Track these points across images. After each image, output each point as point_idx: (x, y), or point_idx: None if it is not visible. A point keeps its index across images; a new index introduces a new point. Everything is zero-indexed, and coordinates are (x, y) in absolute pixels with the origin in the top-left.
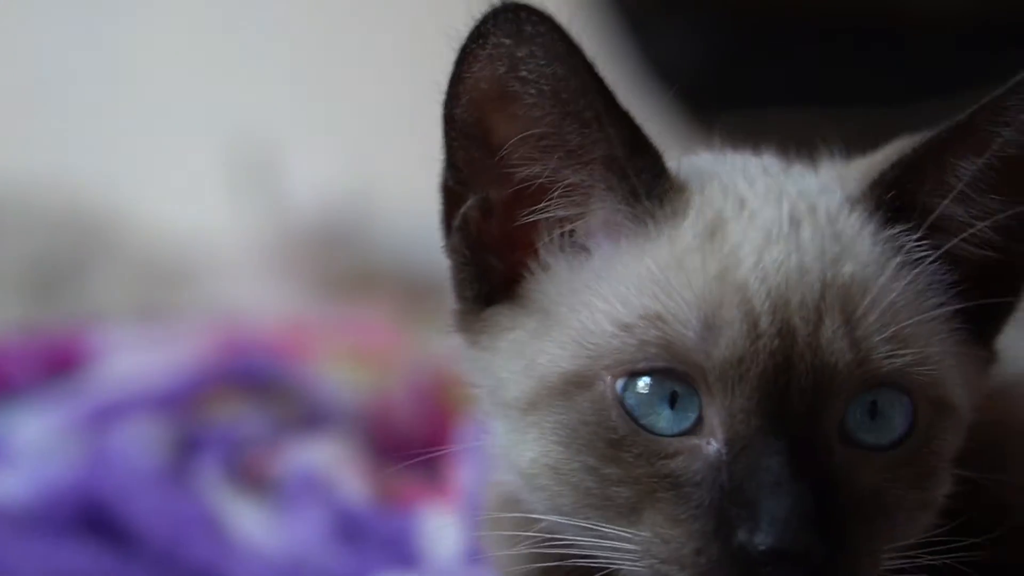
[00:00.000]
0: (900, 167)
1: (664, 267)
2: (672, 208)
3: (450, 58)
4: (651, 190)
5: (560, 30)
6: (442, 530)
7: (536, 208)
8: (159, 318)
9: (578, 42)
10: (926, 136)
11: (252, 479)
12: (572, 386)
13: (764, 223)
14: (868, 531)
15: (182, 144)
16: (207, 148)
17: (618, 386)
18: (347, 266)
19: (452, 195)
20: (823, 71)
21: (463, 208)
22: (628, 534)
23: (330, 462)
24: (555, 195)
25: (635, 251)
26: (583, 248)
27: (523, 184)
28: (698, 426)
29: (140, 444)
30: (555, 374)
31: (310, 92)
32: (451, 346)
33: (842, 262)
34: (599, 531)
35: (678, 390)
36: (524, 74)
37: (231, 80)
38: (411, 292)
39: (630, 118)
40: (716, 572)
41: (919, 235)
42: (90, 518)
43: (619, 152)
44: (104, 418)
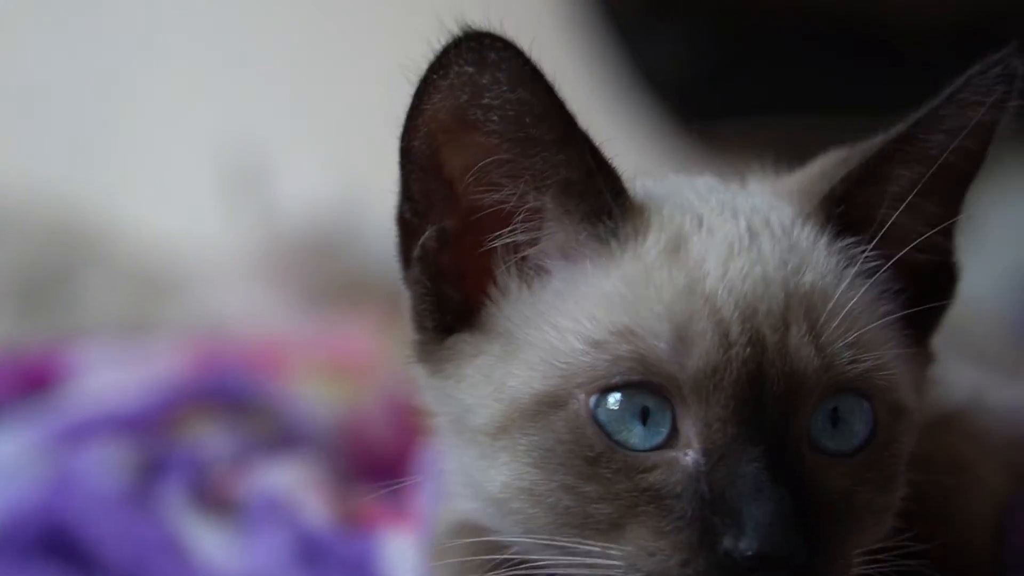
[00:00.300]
0: (848, 181)
1: (631, 283)
2: (633, 226)
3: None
4: (612, 210)
5: (523, 55)
6: (403, 554)
7: (496, 235)
8: (144, 330)
9: (540, 66)
10: (868, 148)
11: (217, 501)
12: (545, 406)
13: (724, 237)
14: (841, 535)
15: (171, 153)
16: (196, 157)
17: (591, 403)
18: (336, 275)
19: (409, 227)
20: (812, 79)
21: (421, 239)
22: (612, 550)
23: (294, 484)
24: (516, 220)
25: (599, 270)
26: (543, 270)
27: (482, 212)
28: (672, 438)
29: (104, 467)
30: (526, 395)
31: (300, 101)
32: (412, 377)
33: (803, 272)
34: (580, 549)
35: (649, 404)
36: (487, 101)
37: (221, 89)
38: (400, 301)
39: (590, 140)
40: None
41: (870, 246)
42: (52, 541)
43: (580, 174)
44: (72, 438)
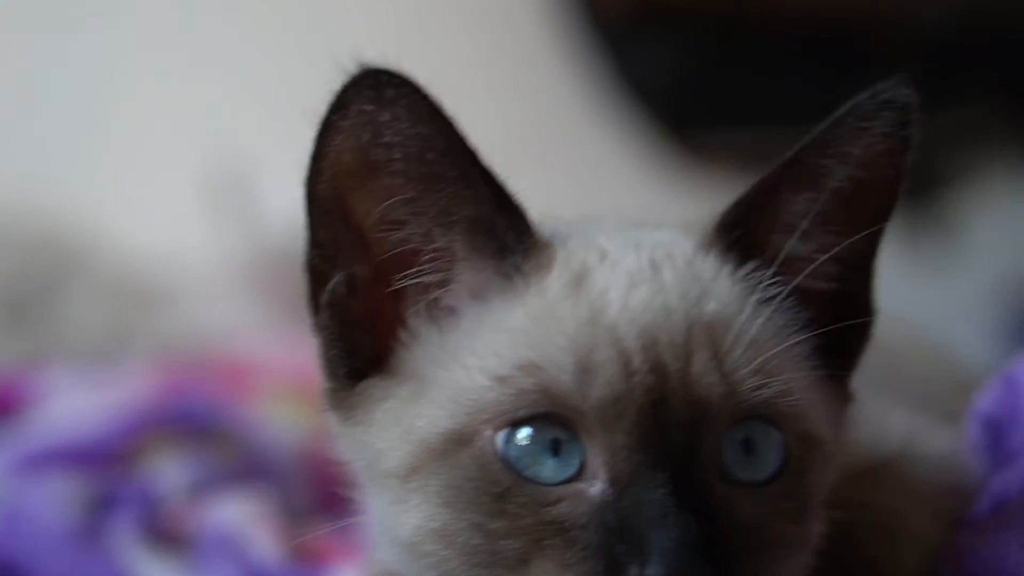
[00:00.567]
0: (741, 207)
1: (535, 317)
2: (537, 262)
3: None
4: (517, 246)
5: (421, 91)
6: None
7: (404, 277)
8: (125, 345)
9: (439, 103)
10: (763, 174)
11: (168, 536)
12: (452, 444)
13: (627, 269)
14: (752, 565)
15: (155, 165)
16: (180, 169)
17: (499, 439)
18: None
19: (318, 273)
20: (798, 88)
21: (330, 285)
22: None
23: (246, 518)
24: (423, 261)
25: (504, 306)
26: (452, 311)
27: (389, 255)
28: (582, 470)
29: (55, 502)
30: (435, 435)
31: (283, 113)
32: (325, 425)
33: (704, 301)
34: None
35: (560, 437)
36: (388, 139)
37: (204, 100)
38: None
39: (494, 176)
40: None
41: (770, 273)
42: None
43: (484, 211)
44: (27, 470)
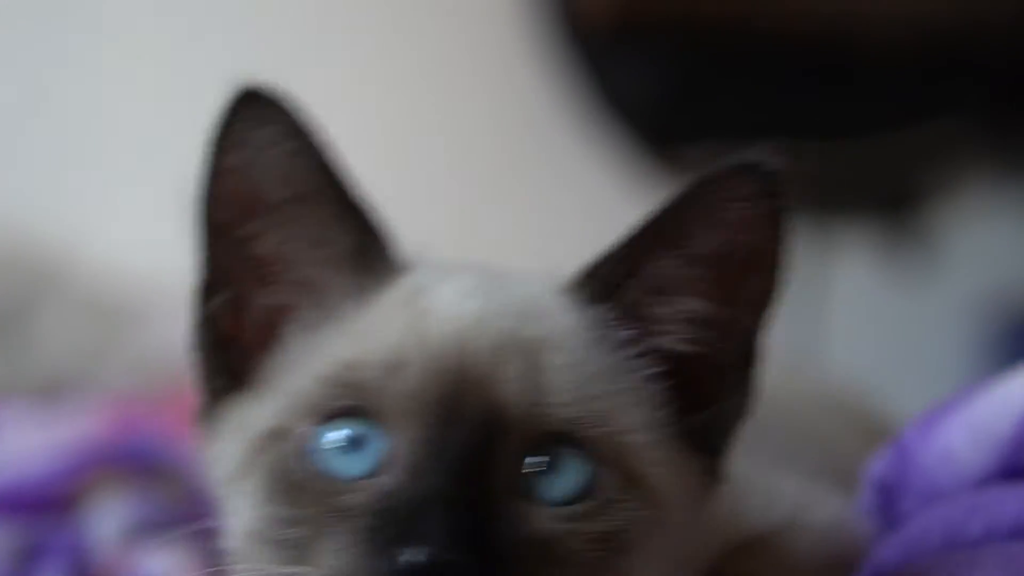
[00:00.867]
0: (605, 260)
1: (366, 326)
2: (389, 282)
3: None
4: (379, 269)
5: (298, 115)
6: None
7: (277, 296)
8: (100, 367)
9: (314, 128)
10: (631, 229)
11: None
12: (271, 440)
13: (458, 288)
14: (531, 573)
15: (133, 185)
16: (159, 189)
17: (309, 434)
18: None
19: (201, 292)
20: (779, 103)
21: (210, 304)
22: (302, 570)
23: (175, 566)
24: (294, 281)
25: (350, 318)
26: (311, 326)
27: (265, 274)
28: (384, 464)
29: None
30: (259, 432)
31: None
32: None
33: (531, 322)
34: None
35: (365, 432)
36: (266, 162)
37: (185, 119)
38: None
39: (364, 202)
40: None
41: (627, 326)
42: None
43: (354, 235)
44: None
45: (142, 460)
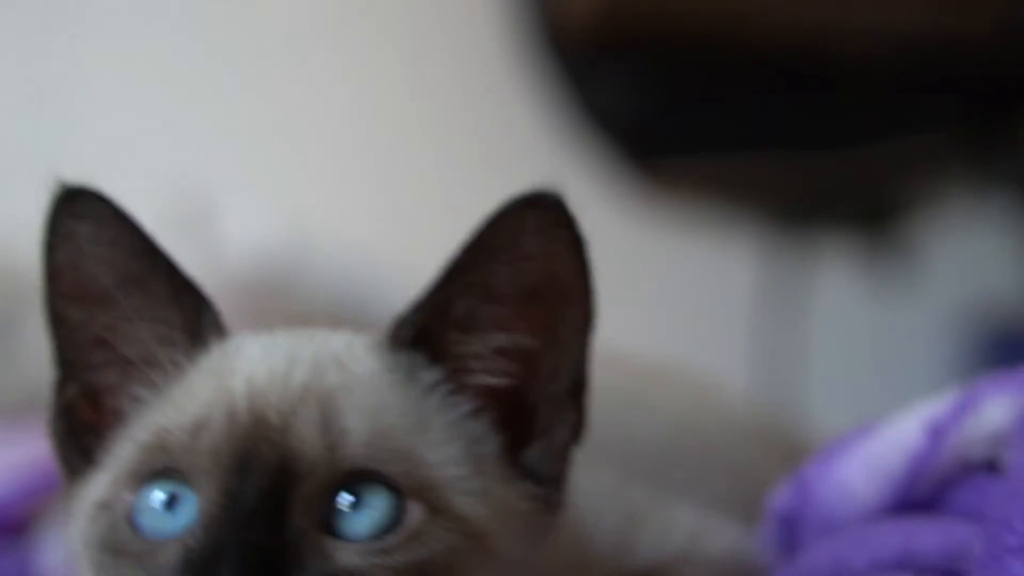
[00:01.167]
0: (413, 309)
1: (182, 391)
2: (207, 353)
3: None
4: (206, 341)
5: (118, 209)
6: None
7: (119, 377)
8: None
9: (135, 218)
10: (435, 276)
11: None
12: (100, 510)
13: (264, 346)
14: None
15: (116, 192)
16: (140, 198)
17: (129, 500)
18: (282, 314)
19: (55, 385)
20: (760, 116)
21: (64, 395)
22: None
23: None
24: (133, 361)
25: (175, 388)
26: (147, 401)
27: (107, 359)
28: (195, 521)
29: None
30: (91, 505)
31: (244, 142)
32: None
33: (331, 372)
34: None
35: (177, 492)
36: (93, 255)
37: (164, 129)
38: None
39: (189, 277)
40: None
41: (439, 367)
42: None
43: (182, 311)
44: None
45: None
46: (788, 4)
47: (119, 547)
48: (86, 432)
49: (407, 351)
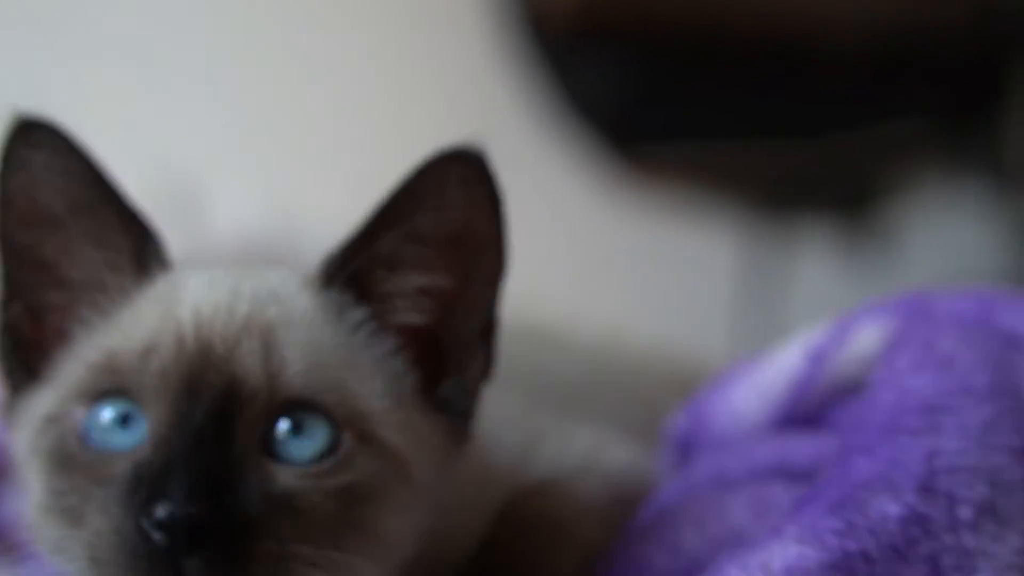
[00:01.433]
0: (342, 249)
1: (129, 318)
2: (155, 281)
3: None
4: (150, 269)
5: (71, 138)
6: None
7: (64, 298)
8: None
9: (86, 147)
10: (362, 219)
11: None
12: (50, 423)
13: (209, 280)
14: (275, 519)
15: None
16: (129, 183)
17: (79, 415)
18: None
19: (3, 302)
20: (740, 103)
21: (9, 312)
22: (74, 537)
23: None
24: (79, 284)
25: (120, 313)
26: (91, 323)
27: (54, 280)
28: (144, 437)
29: None
30: (40, 418)
31: (233, 126)
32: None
33: (269, 307)
34: (63, 547)
35: (127, 411)
36: (47, 182)
37: (153, 109)
38: None
39: (136, 208)
40: (129, 544)
41: (361, 304)
42: None
43: (128, 239)
44: None
45: None
46: None
47: (68, 458)
48: (29, 348)
49: (337, 289)
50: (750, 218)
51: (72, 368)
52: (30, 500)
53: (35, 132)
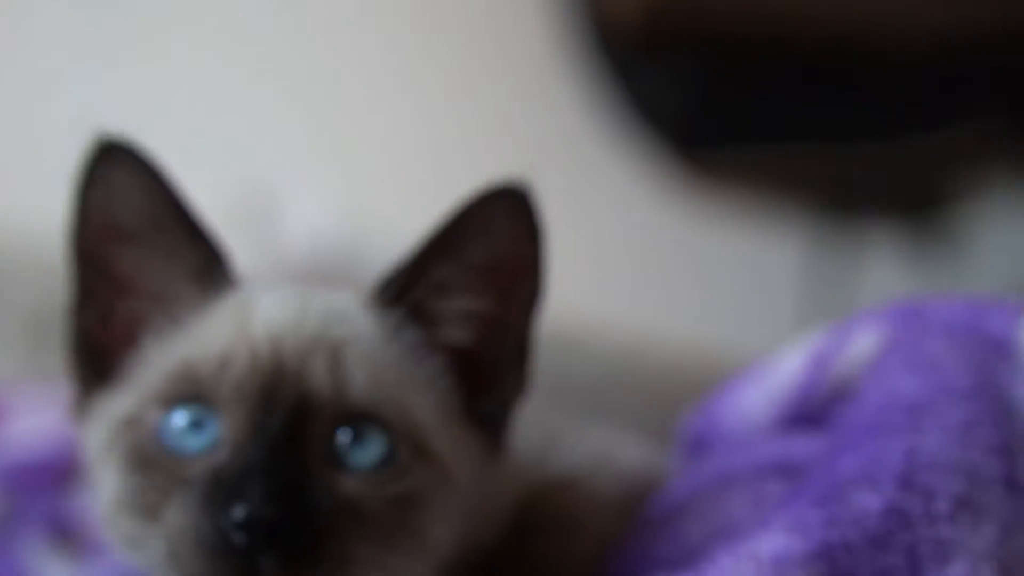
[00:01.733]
0: (395, 272)
1: (203, 330)
2: (226, 296)
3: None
4: (218, 284)
5: (148, 158)
6: None
7: (136, 307)
8: None
9: (164, 170)
10: (415, 245)
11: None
12: (128, 425)
13: (280, 299)
14: (338, 521)
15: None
16: (202, 193)
17: (156, 419)
18: None
19: (74, 309)
20: (805, 109)
21: (81, 318)
22: (155, 530)
23: None
24: (150, 295)
25: (193, 325)
26: (164, 331)
27: (126, 291)
28: (218, 443)
29: None
30: (119, 419)
31: (304, 137)
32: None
33: (335, 325)
34: (139, 541)
35: (202, 416)
36: (125, 200)
37: (226, 124)
38: None
39: (207, 227)
40: (208, 542)
41: (415, 325)
42: None
43: (198, 255)
44: None
45: None
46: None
47: (146, 458)
48: (98, 350)
49: (392, 309)
50: (816, 224)
51: (147, 374)
52: (104, 496)
53: (115, 152)
